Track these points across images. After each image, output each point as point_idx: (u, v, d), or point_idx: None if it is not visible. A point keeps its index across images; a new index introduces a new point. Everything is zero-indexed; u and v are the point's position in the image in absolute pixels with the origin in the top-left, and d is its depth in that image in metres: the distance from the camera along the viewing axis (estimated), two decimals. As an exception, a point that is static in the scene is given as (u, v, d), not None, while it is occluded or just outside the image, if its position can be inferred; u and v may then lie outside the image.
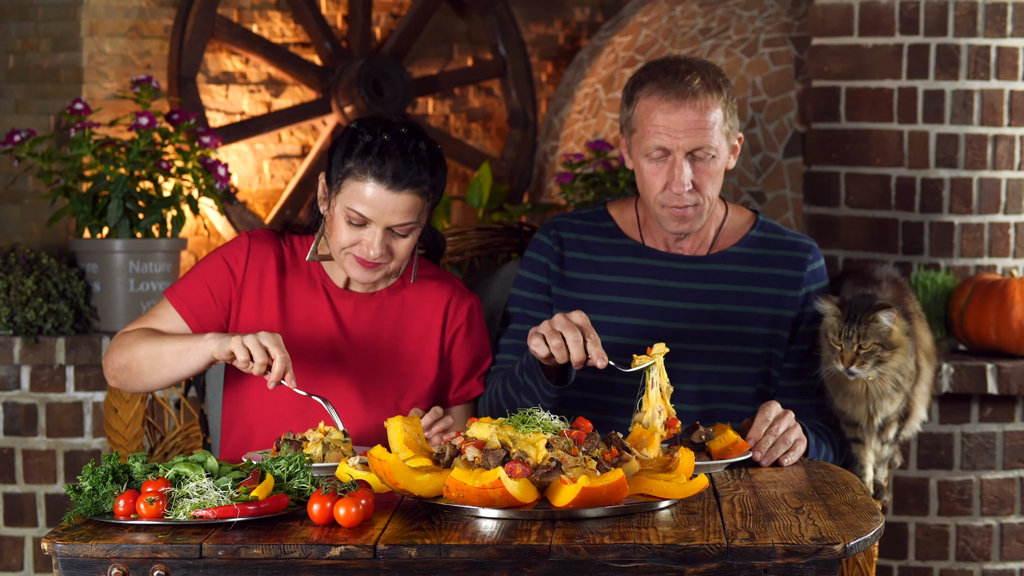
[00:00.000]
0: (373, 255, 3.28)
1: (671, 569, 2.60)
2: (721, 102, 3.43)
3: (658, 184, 3.44)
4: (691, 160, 3.41)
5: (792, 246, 3.58)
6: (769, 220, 3.63)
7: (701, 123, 3.40)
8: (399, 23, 6.03)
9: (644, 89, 3.45)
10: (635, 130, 3.46)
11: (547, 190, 6.07)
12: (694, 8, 5.88)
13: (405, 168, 3.26)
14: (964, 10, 4.85)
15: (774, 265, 3.56)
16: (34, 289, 4.80)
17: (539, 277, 3.57)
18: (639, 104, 3.45)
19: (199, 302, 3.38)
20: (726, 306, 3.52)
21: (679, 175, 3.40)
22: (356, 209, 3.27)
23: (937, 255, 4.90)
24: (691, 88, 3.40)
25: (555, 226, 3.61)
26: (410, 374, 3.43)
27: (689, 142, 3.40)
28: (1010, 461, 4.76)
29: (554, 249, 3.58)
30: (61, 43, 5.26)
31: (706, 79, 3.43)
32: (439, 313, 3.45)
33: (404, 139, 3.29)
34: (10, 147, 4.97)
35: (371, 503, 2.73)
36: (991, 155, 4.89)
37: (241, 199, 5.62)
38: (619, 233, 3.59)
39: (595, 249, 3.58)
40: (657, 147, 3.41)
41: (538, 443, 2.82)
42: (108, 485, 2.77)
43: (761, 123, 5.48)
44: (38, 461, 4.85)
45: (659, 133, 3.40)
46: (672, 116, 3.40)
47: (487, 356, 3.52)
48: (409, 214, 3.28)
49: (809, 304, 3.55)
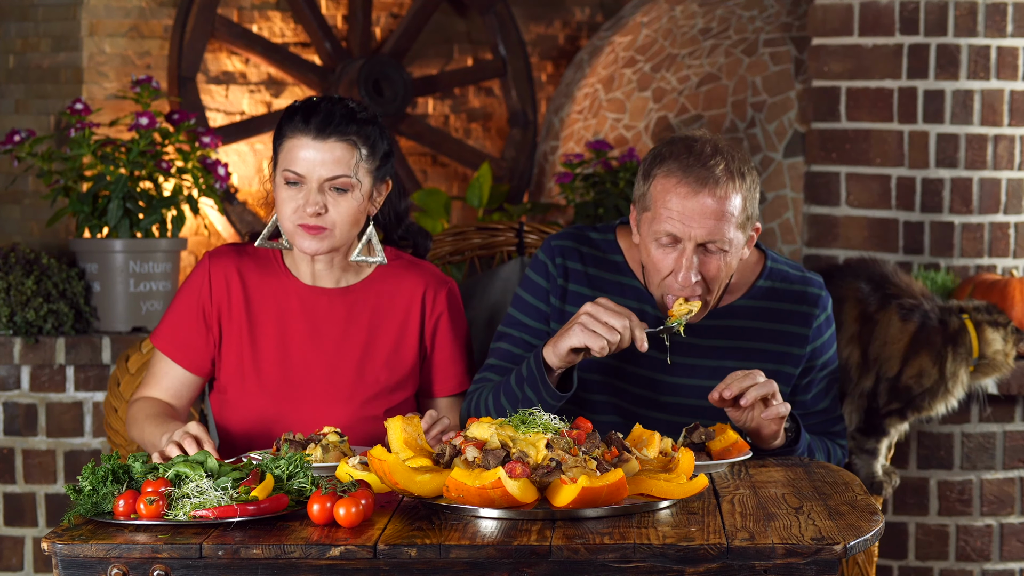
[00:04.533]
0: (310, 211, 3.30)
1: (671, 569, 2.60)
2: (743, 191, 3.24)
3: (663, 270, 3.29)
4: (702, 252, 3.25)
5: (800, 298, 3.45)
6: (778, 263, 3.49)
7: (718, 213, 3.22)
8: (399, 23, 6.03)
9: (663, 168, 3.26)
10: (648, 208, 3.28)
11: (547, 190, 6.07)
12: (694, 8, 5.88)
13: (328, 119, 3.32)
14: (964, 10, 4.85)
15: (780, 320, 3.44)
16: (34, 289, 4.80)
17: (540, 304, 3.46)
18: (655, 183, 3.27)
19: (184, 341, 3.44)
20: (727, 362, 3.41)
21: (687, 267, 3.24)
22: (290, 168, 3.33)
23: (937, 255, 4.90)
24: (713, 175, 3.22)
25: (562, 252, 3.45)
26: (391, 366, 3.43)
27: (702, 233, 3.22)
28: (1010, 461, 4.76)
29: (558, 281, 3.45)
30: (61, 43, 5.26)
31: (730, 166, 3.24)
32: (416, 302, 3.45)
33: (332, 99, 3.38)
34: (10, 147, 4.97)
35: (371, 503, 2.73)
36: (991, 155, 4.89)
37: (241, 199, 5.62)
38: (626, 270, 3.45)
39: (599, 285, 3.44)
40: (667, 233, 3.24)
41: (538, 443, 2.82)
42: (108, 485, 2.77)
43: (761, 123, 5.48)
44: (38, 461, 4.85)
45: (672, 219, 3.23)
46: (688, 202, 3.22)
47: (470, 346, 3.53)
48: (339, 164, 3.31)
49: (815, 359, 3.46)
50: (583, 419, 2.97)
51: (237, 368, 3.41)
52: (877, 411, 3.59)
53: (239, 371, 3.41)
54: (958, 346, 3.53)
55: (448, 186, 6.22)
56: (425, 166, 6.17)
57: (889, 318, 3.58)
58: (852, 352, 3.58)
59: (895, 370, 3.55)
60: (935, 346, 3.52)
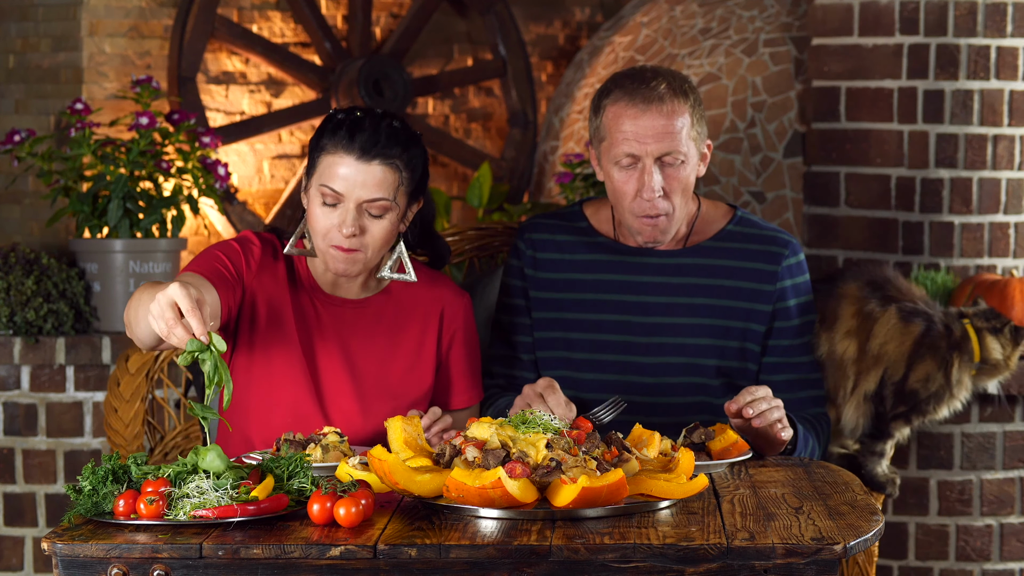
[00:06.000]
0: (346, 232, 3.24)
1: (671, 569, 2.60)
2: (688, 107, 3.44)
3: (629, 192, 3.45)
4: (660, 166, 3.43)
5: (769, 240, 3.59)
6: (748, 215, 3.64)
7: (669, 128, 3.41)
8: (399, 23, 6.03)
9: (610, 97, 3.46)
10: (604, 138, 3.47)
11: (547, 190, 6.07)
12: (694, 8, 5.88)
13: (374, 140, 3.26)
14: (964, 10, 4.85)
15: (749, 259, 3.57)
16: (34, 289, 4.80)
17: (516, 281, 3.63)
18: (606, 112, 3.46)
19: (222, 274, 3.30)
20: (699, 299, 3.54)
21: (649, 181, 3.41)
22: (328, 185, 3.26)
23: (937, 255, 4.90)
24: (657, 93, 3.42)
25: (528, 228, 3.64)
26: (408, 378, 3.42)
27: (657, 147, 3.41)
28: (1010, 461, 4.76)
29: (527, 253, 3.61)
30: (61, 43, 5.26)
31: (672, 84, 3.44)
32: (435, 315, 3.44)
33: (377, 116, 3.31)
34: (10, 147, 4.97)
35: (371, 503, 2.73)
36: (991, 155, 4.89)
37: (241, 199, 5.62)
38: (592, 231, 3.61)
39: (568, 248, 3.60)
40: (626, 154, 3.42)
41: (538, 443, 2.82)
42: (108, 485, 2.77)
43: (761, 123, 5.48)
44: (38, 461, 4.85)
45: (627, 140, 3.42)
46: (639, 121, 3.41)
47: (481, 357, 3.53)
48: (380, 188, 3.26)
49: (785, 299, 3.56)
50: (583, 419, 2.98)
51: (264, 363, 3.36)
52: (884, 415, 3.60)
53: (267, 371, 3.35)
54: (963, 352, 3.56)
55: (448, 186, 6.22)
56: (425, 166, 6.17)
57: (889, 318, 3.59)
58: (849, 346, 3.61)
59: (900, 373, 3.57)
60: (940, 351, 3.55)
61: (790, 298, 3.57)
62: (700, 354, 3.51)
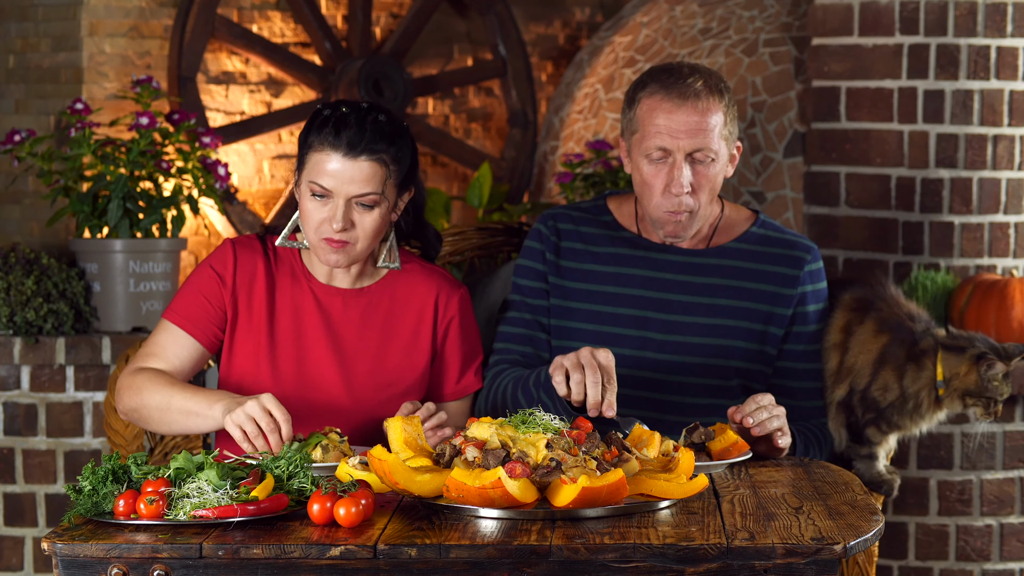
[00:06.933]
0: (336, 227, 3.28)
1: (671, 569, 2.60)
2: (723, 106, 3.44)
3: (657, 186, 3.44)
4: (690, 163, 3.42)
5: (791, 245, 3.59)
6: (771, 220, 3.65)
7: (702, 124, 3.41)
8: (399, 23, 6.03)
9: (646, 90, 3.46)
10: (636, 131, 3.46)
11: (547, 190, 6.07)
12: (694, 8, 5.88)
13: (360, 136, 3.28)
14: (964, 10, 4.85)
15: (771, 263, 3.57)
16: (34, 289, 4.80)
17: (537, 265, 3.60)
18: (641, 104, 3.46)
19: (198, 314, 3.40)
20: (720, 300, 3.53)
21: (678, 176, 3.41)
22: (317, 181, 3.29)
23: (937, 255, 4.90)
24: (693, 89, 3.42)
25: (553, 216, 3.62)
26: (402, 368, 3.44)
27: (690, 143, 3.40)
28: (1010, 461, 4.76)
29: (551, 239, 3.60)
30: (61, 43, 5.26)
31: (708, 82, 3.44)
32: (430, 305, 3.46)
33: (363, 111, 3.33)
34: (10, 147, 4.97)
35: (371, 503, 2.73)
36: (991, 155, 4.89)
37: (241, 199, 5.62)
38: (616, 226, 3.61)
39: (591, 239, 3.60)
40: (658, 147, 3.42)
41: (538, 443, 2.82)
42: (108, 485, 2.77)
43: (761, 123, 5.48)
44: (38, 461, 4.85)
45: (660, 133, 3.41)
46: (674, 116, 3.41)
47: (479, 349, 3.53)
48: (368, 183, 3.29)
49: (805, 304, 3.56)
50: (583, 419, 2.98)
51: (253, 359, 3.40)
52: (856, 423, 3.60)
53: (255, 362, 3.40)
54: (921, 368, 3.52)
55: (448, 186, 6.22)
56: (425, 166, 6.18)
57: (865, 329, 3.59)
58: (832, 359, 3.60)
59: (865, 382, 3.58)
60: (898, 360, 3.54)
61: (809, 303, 3.57)
62: (718, 354, 3.50)
